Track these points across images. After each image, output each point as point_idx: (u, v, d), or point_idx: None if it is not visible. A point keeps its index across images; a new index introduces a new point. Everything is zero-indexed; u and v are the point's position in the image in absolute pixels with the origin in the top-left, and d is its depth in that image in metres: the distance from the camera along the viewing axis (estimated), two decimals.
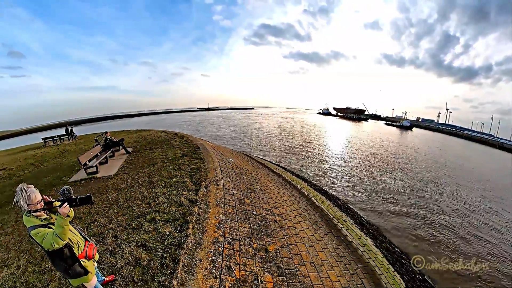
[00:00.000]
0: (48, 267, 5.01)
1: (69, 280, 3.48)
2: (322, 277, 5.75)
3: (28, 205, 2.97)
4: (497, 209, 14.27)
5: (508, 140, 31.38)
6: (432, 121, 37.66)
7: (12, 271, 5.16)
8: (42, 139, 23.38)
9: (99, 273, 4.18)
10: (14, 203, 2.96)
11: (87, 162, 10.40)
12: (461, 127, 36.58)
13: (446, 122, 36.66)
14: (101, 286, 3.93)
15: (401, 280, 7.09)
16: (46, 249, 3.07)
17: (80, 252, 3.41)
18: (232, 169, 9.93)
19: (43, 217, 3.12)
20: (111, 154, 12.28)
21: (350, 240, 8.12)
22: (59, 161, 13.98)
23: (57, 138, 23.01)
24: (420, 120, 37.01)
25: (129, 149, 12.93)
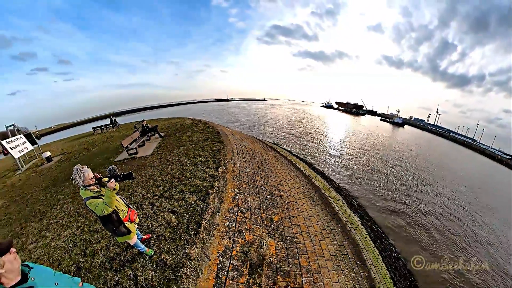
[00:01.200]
0: (100, 228, 5.41)
1: (116, 238, 3.79)
2: (315, 245, 5.91)
3: (83, 181, 3.20)
4: (461, 194, 14.34)
5: (489, 147, 28.55)
6: (423, 121, 34.81)
7: (73, 231, 5.65)
8: (92, 128, 24.22)
9: (139, 233, 4.48)
10: (72, 180, 3.20)
11: (128, 145, 10.78)
12: (448, 129, 33.64)
13: (435, 123, 33.62)
14: (140, 243, 4.21)
15: (379, 255, 7.13)
16: (98, 215, 3.32)
17: (124, 217, 3.67)
18: (246, 151, 9.99)
19: (95, 190, 3.33)
20: (148, 138, 12.61)
21: (341, 217, 8.11)
22: (106, 145, 14.55)
23: (103, 127, 23.71)
24: (412, 119, 34.27)
25: (162, 134, 13.22)
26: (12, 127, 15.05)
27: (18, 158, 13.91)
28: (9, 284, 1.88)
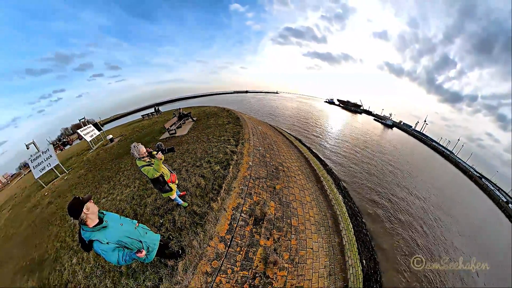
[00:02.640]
0: (150, 187, 6.12)
1: (162, 194, 4.37)
2: (305, 212, 6.18)
3: (138, 154, 3.71)
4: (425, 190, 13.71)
5: (463, 161, 24.88)
6: (411, 126, 30.83)
7: (131, 189, 6.46)
8: (141, 115, 25.63)
9: (178, 190, 5.08)
10: (131, 154, 3.73)
11: (169, 127, 11.45)
12: (431, 138, 29.66)
13: (421, 131, 29.42)
14: (178, 198, 4.79)
15: (352, 228, 7.36)
16: (149, 178, 3.85)
17: (167, 179, 4.19)
18: (260, 133, 10.16)
19: (147, 161, 3.81)
20: (183, 121, 13.22)
21: (328, 193, 8.20)
22: (152, 128, 15.55)
23: (149, 114, 24.92)
24: (402, 123, 30.54)
25: (194, 118, 13.75)
26: (83, 120, 16.87)
27: (90, 141, 15.64)
28: (91, 225, 2.41)
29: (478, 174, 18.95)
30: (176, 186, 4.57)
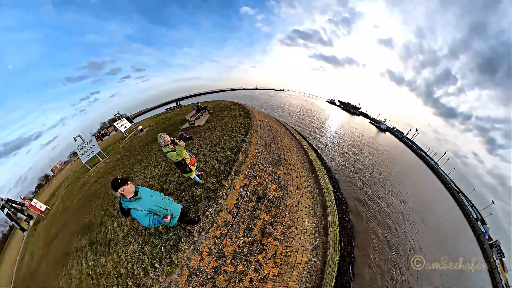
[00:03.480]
0: (174, 168, 6.57)
1: (184, 174, 4.78)
2: (299, 195, 6.39)
3: (164, 142, 4.03)
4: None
5: (446, 174, 22.71)
6: (403, 133, 28.07)
7: (159, 169, 7.01)
8: (165, 109, 26.54)
9: (196, 171, 5.48)
10: (158, 142, 4.08)
11: (189, 119, 11.83)
12: (420, 147, 27.07)
13: (411, 139, 26.72)
14: (196, 177, 5.19)
15: (337, 215, 7.64)
16: (173, 161, 4.20)
17: (188, 162, 4.55)
18: (266, 126, 10.19)
19: (171, 147, 4.13)
20: (201, 114, 13.48)
21: (321, 183, 8.28)
22: (175, 119, 16.15)
23: (172, 108, 25.69)
24: (395, 129, 28.01)
25: (210, 111, 14.04)
26: (117, 114, 18.13)
27: (124, 131, 16.68)
28: (129, 197, 2.82)
29: (456, 188, 17.78)
30: (195, 167, 4.95)
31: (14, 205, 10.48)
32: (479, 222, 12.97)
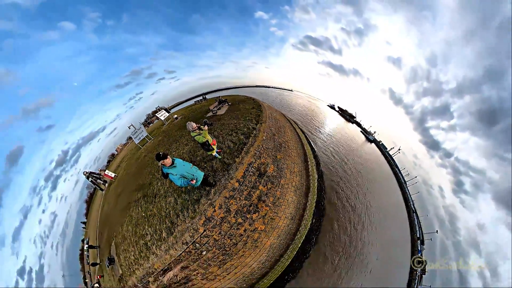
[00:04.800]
0: (199, 147, 7.22)
1: (207, 152, 5.41)
2: (291, 177, 6.89)
3: (191, 128, 4.60)
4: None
5: (409, 193, 19.67)
6: (386, 148, 24.24)
7: (189, 148, 7.85)
8: (194, 101, 27.59)
9: (216, 149, 6.01)
10: (187, 128, 4.68)
11: (212, 109, 12.43)
12: (396, 164, 23.29)
13: (392, 155, 22.90)
14: (216, 153, 5.81)
15: (316, 198, 8.07)
16: (199, 142, 4.79)
17: (210, 142, 5.13)
18: (274, 118, 10.12)
19: (197, 132, 4.71)
20: (222, 105, 13.80)
21: (309, 170, 8.53)
22: (201, 109, 16.71)
23: (199, 100, 26.47)
24: (381, 143, 24.35)
25: (229, 103, 14.34)
26: (158, 107, 19.83)
27: (163, 119, 18.20)
28: (167, 165, 3.49)
29: (413, 208, 16.87)
30: (215, 146, 5.61)
31: (94, 175, 12.98)
32: (419, 241, 13.29)
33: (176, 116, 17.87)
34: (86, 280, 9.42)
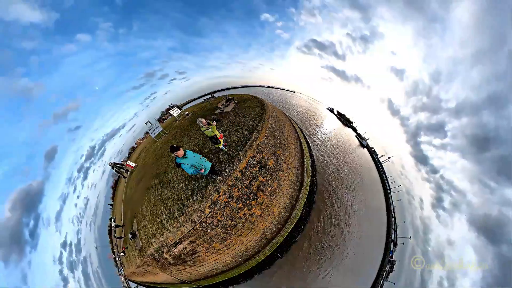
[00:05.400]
0: (207, 139, 7.52)
1: (215, 145, 5.73)
2: (288, 171, 7.11)
3: (201, 124, 4.88)
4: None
5: (392, 200, 18.93)
6: (377, 155, 23.00)
7: (198, 141, 8.13)
8: (203, 99, 27.61)
9: (223, 142, 6.29)
10: (197, 123, 4.94)
11: (220, 106, 12.62)
12: (384, 171, 22.20)
13: (382, 162, 21.65)
14: (223, 146, 6.12)
15: (308, 191, 8.23)
16: (207, 136, 5.09)
17: (218, 136, 5.46)
18: (276, 117, 10.18)
19: (206, 126, 5.01)
20: (229, 103, 13.83)
21: (305, 167, 8.70)
22: (210, 106, 16.92)
23: (208, 98, 26.71)
24: (373, 149, 23.14)
25: (236, 101, 14.49)
26: (170, 105, 20.34)
27: (176, 116, 18.78)
28: (180, 156, 3.80)
29: (393, 213, 16.94)
30: (222, 140, 5.93)
31: (118, 165, 14.04)
32: (392, 243, 13.73)
33: (187, 112, 18.38)
34: (114, 250, 10.63)
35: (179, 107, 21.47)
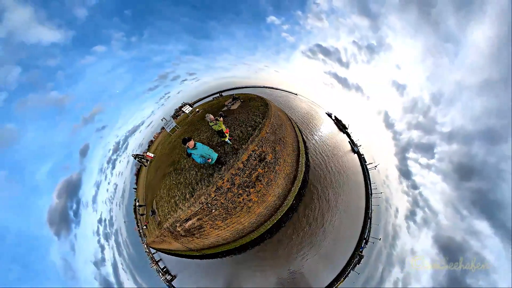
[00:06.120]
0: (215, 133, 7.84)
1: (221, 138, 6.04)
2: (284, 165, 7.41)
3: (209, 119, 5.16)
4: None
5: (371, 204, 18.45)
6: (366, 162, 21.89)
7: (206, 135, 8.56)
8: (212, 98, 27.97)
9: (228, 136, 6.63)
10: (206, 119, 5.23)
11: (227, 104, 12.83)
12: (369, 177, 21.27)
13: (369, 169, 20.38)
14: (228, 140, 6.42)
15: (299, 185, 8.46)
16: (215, 130, 5.40)
17: (224, 131, 5.74)
18: (277, 116, 10.23)
19: (214, 122, 5.32)
20: (235, 101, 13.87)
21: (299, 164, 8.87)
22: (218, 104, 17.23)
23: (217, 97, 26.90)
24: (363, 156, 21.93)
25: (241, 100, 14.59)
26: (183, 103, 20.80)
27: (188, 113, 19.31)
28: (191, 147, 4.12)
29: (370, 216, 17.30)
30: (228, 134, 6.29)
31: (139, 156, 15.23)
32: (364, 241, 14.42)
33: (197, 110, 18.85)
34: (138, 224, 11.99)
35: (190, 105, 22.08)
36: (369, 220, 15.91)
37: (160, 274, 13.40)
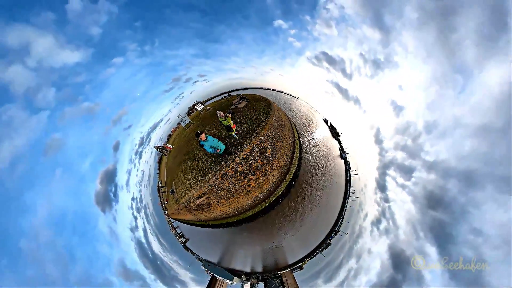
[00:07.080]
0: (224, 128, 8.13)
1: (229, 132, 6.37)
2: (280, 160, 7.70)
3: (219, 116, 5.45)
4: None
5: (347, 204, 18.00)
6: (350, 168, 20.82)
7: (217, 128, 8.91)
8: (222, 97, 28.11)
9: (235, 131, 6.95)
10: (216, 115, 5.51)
11: (235, 103, 12.91)
12: (350, 182, 20.58)
13: (351, 175, 19.22)
14: (235, 134, 6.75)
15: (290, 178, 8.75)
16: (224, 125, 5.71)
17: (232, 126, 6.03)
18: (279, 116, 10.27)
19: (223, 118, 5.60)
20: (242, 101, 13.74)
21: (293, 160, 9.08)
22: (227, 103, 17.43)
23: (226, 96, 27.01)
24: (348, 163, 21.11)
25: (248, 100, 14.68)
26: (195, 101, 21.24)
27: (200, 110, 19.79)
28: (203, 139, 4.49)
29: (343, 214, 18.06)
30: (235, 129, 6.61)
31: (160, 147, 16.44)
32: (334, 232, 15.45)
33: (209, 107, 19.20)
34: (161, 200, 13.88)
35: (202, 103, 22.62)
36: (342, 216, 16.95)
37: (177, 237, 16.05)
